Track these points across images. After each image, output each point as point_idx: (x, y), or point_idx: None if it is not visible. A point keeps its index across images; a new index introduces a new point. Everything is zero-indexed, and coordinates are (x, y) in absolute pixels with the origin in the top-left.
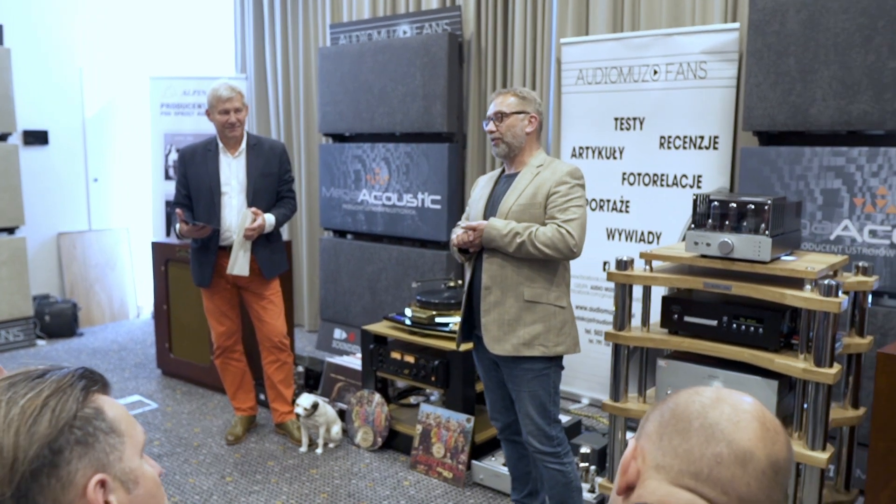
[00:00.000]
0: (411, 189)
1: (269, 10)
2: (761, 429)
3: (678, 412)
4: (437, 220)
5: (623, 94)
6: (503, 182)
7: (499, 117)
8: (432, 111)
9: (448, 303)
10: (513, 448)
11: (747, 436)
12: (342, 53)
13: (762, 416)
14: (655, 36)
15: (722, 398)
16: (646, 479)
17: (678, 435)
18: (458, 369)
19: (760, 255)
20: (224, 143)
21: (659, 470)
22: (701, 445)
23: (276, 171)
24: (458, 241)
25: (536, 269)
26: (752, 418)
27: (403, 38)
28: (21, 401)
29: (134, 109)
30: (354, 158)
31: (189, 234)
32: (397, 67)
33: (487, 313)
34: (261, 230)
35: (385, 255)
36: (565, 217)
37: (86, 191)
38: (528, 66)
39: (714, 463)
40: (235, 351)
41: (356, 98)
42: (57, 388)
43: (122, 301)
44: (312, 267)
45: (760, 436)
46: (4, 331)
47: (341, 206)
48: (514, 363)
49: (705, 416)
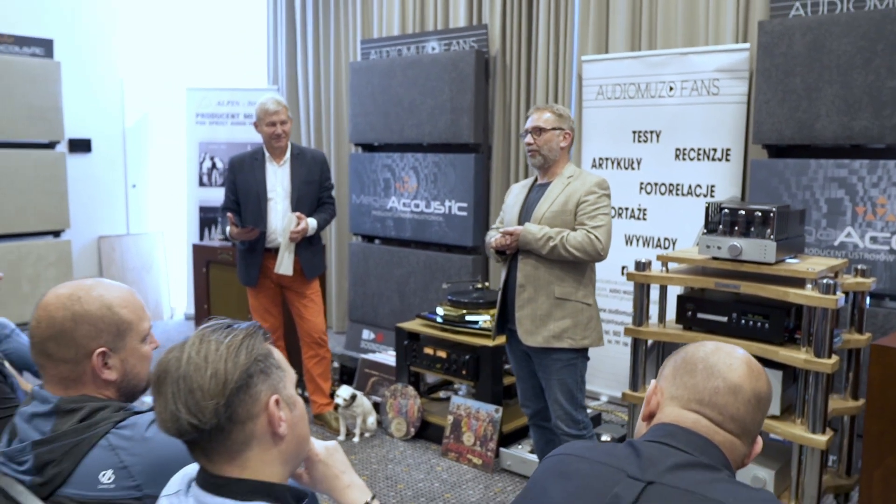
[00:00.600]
0: (439, 197)
1: (302, 26)
2: (748, 370)
3: (687, 358)
4: (463, 227)
5: (641, 109)
6: (536, 190)
7: (537, 132)
8: (459, 123)
9: (477, 302)
10: (541, 433)
11: (738, 374)
12: (373, 68)
13: (749, 361)
14: (671, 55)
15: (719, 348)
16: (664, 406)
17: (687, 374)
18: (487, 364)
19: (766, 258)
20: (270, 152)
21: (673, 400)
22: (704, 381)
23: (317, 178)
24: (495, 244)
25: (566, 269)
26: (741, 363)
27: (432, 54)
28: (225, 340)
29: (171, 119)
30: (384, 167)
31: (238, 237)
32: (426, 82)
33: (521, 308)
34: (304, 233)
35: (413, 260)
36: (594, 224)
37: (125, 196)
38: (551, 81)
39: (713, 392)
40: (277, 346)
41: (386, 110)
42: (247, 333)
43: (158, 302)
44: (341, 270)
45: (747, 374)
46: None
47: (370, 212)
48: (545, 354)
49: (707, 360)
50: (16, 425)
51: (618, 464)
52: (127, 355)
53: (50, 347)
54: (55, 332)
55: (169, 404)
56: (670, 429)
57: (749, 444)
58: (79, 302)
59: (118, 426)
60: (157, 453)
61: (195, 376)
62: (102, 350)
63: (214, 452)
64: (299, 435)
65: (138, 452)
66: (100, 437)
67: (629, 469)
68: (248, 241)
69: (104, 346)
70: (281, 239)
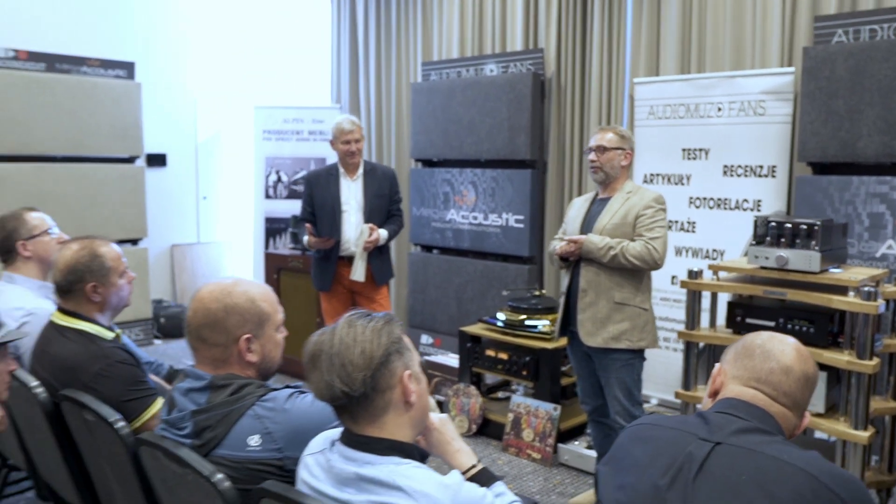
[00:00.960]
0: (496, 209)
1: (364, 48)
2: (798, 354)
3: (746, 345)
4: (519, 238)
5: (690, 128)
6: (598, 204)
7: (600, 150)
8: (517, 141)
9: (536, 308)
10: (599, 428)
11: (789, 357)
12: (433, 88)
13: (798, 347)
14: (720, 77)
15: (773, 336)
16: (727, 384)
17: (747, 357)
18: (546, 365)
19: (811, 267)
20: (344, 168)
21: (734, 379)
22: (761, 363)
23: (387, 192)
24: (560, 251)
25: (625, 276)
26: (792, 348)
27: (490, 75)
28: (369, 325)
29: (239, 135)
30: (443, 181)
31: (315, 246)
32: (485, 102)
33: (583, 311)
34: (376, 243)
35: (471, 269)
36: (651, 235)
37: (196, 207)
38: (604, 101)
39: (769, 372)
40: None
41: (446, 128)
42: (386, 321)
43: None
44: (400, 278)
45: (797, 358)
46: (128, 330)
47: (430, 223)
48: (605, 354)
49: (763, 346)
50: (174, 398)
51: (689, 429)
52: (265, 341)
53: (204, 333)
54: (209, 320)
55: (324, 376)
56: (733, 402)
57: (799, 417)
58: (229, 296)
59: (262, 399)
60: (294, 422)
61: (346, 353)
62: (247, 336)
63: (359, 416)
64: (424, 405)
65: (279, 421)
66: (247, 408)
67: (700, 433)
68: (324, 249)
69: (249, 332)
70: (354, 248)
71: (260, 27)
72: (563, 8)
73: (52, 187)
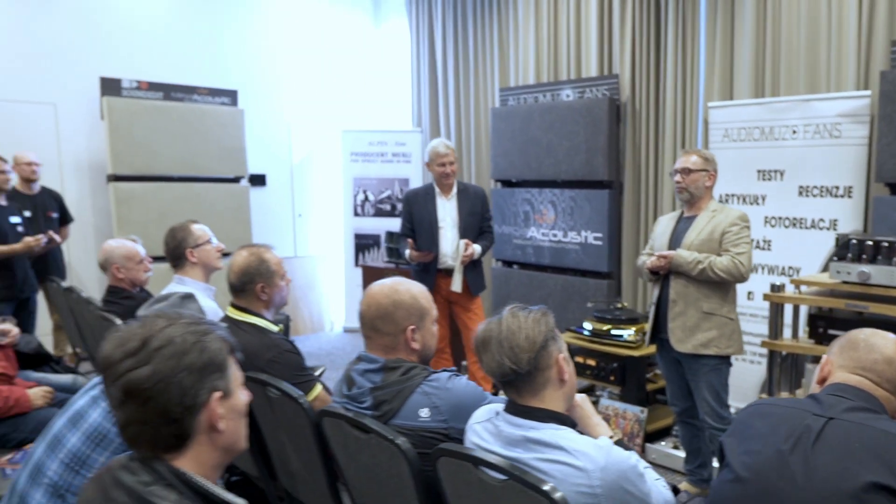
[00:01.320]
0: (575, 227)
1: (443, 74)
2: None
3: (851, 339)
4: (598, 254)
5: (765, 150)
6: (684, 222)
7: (685, 172)
8: (594, 162)
9: (621, 318)
10: (687, 428)
11: (892, 350)
12: (512, 113)
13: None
14: (795, 101)
15: (876, 332)
16: (834, 372)
17: (852, 349)
18: (633, 371)
19: (892, 282)
20: (440, 188)
21: (841, 367)
22: (865, 354)
23: (479, 210)
24: (651, 266)
25: (712, 288)
26: (893, 343)
27: (567, 100)
28: (530, 315)
29: (329, 157)
30: (524, 201)
31: (416, 259)
32: (563, 125)
33: (673, 320)
34: (472, 256)
35: (551, 283)
36: (737, 250)
37: (292, 224)
38: (679, 125)
39: (873, 362)
40: (445, 352)
41: (525, 150)
42: (543, 312)
43: (320, 316)
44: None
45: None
46: None
47: (511, 240)
48: (694, 359)
49: (867, 340)
50: (352, 377)
51: (804, 407)
52: (425, 332)
53: (377, 324)
54: (381, 313)
55: (495, 356)
56: (841, 386)
57: None
58: (396, 293)
59: (427, 379)
60: (456, 398)
61: (513, 338)
62: (413, 327)
63: (523, 390)
64: (573, 383)
65: (444, 397)
66: (417, 386)
67: (813, 410)
68: (423, 262)
69: (413, 324)
70: (450, 261)
71: (346, 57)
72: (636, 35)
73: (170, 204)
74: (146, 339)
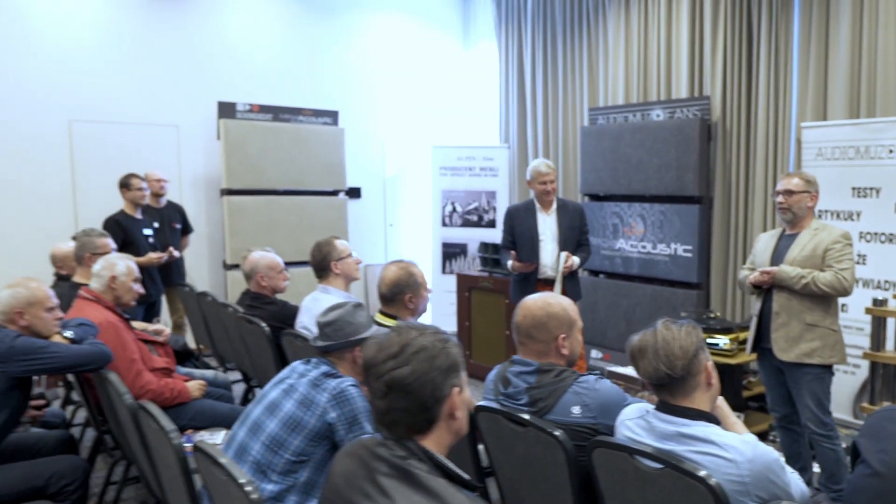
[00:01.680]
0: (664, 240)
1: (532, 94)
2: None
3: None
4: (688, 266)
5: (860, 169)
6: (786, 239)
7: (787, 193)
8: (684, 179)
9: (715, 327)
10: (787, 433)
11: None
12: (602, 131)
13: None
14: (891, 122)
15: None
16: None
17: None
18: (729, 378)
19: None
20: (540, 204)
21: None
22: None
23: (577, 225)
24: (754, 280)
25: (815, 301)
26: None
27: (657, 120)
28: (682, 328)
29: (420, 171)
30: (613, 214)
31: (518, 270)
32: (653, 144)
33: (776, 331)
34: (572, 268)
35: (640, 293)
36: (840, 266)
37: (384, 233)
38: (771, 143)
39: None
40: None
41: (615, 166)
42: (693, 326)
43: None
44: None
45: None
46: None
47: (599, 251)
48: (797, 368)
49: None
50: (508, 378)
51: None
52: (573, 340)
53: (532, 332)
54: (536, 323)
55: (651, 362)
56: None
57: None
58: (549, 306)
59: (577, 380)
60: (603, 398)
61: (668, 347)
62: (563, 335)
63: (676, 392)
64: (718, 386)
65: (594, 396)
66: (568, 387)
67: None
68: (524, 272)
69: (564, 333)
70: (550, 271)
71: (436, 77)
72: (728, 56)
73: (277, 216)
74: (404, 345)
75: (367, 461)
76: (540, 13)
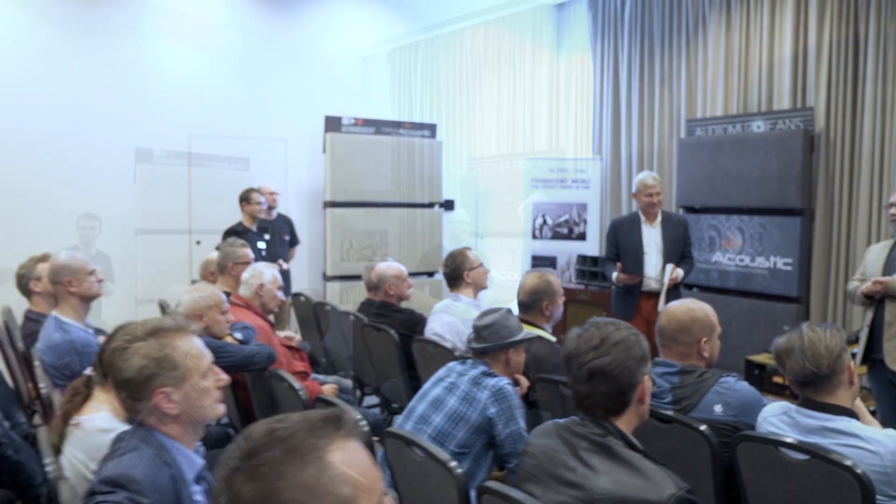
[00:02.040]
0: (763, 253)
1: (626, 105)
2: None
3: None
4: (788, 279)
5: None
6: None
7: None
8: (786, 191)
9: None
10: None
11: None
12: (701, 143)
13: None
14: None
15: None
16: None
17: None
18: None
19: None
20: (645, 216)
21: None
22: None
23: (681, 237)
24: (866, 291)
25: None
26: None
27: (758, 132)
28: (827, 331)
29: (511, 183)
30: (710, 227)
31: (623, 282)
32: (754, 156)
33: (889, 341)
34: (676, 280)
35: (736, 306)
36: None
37: (475, 245)
38: (877, 155)
39: None
40: None
41: (712, 178)
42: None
43: None
44: None
45: None
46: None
47: (695, 265)
48: None
49: None
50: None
51: None
52: (713, 344)
53: (677, 336)
54: (681, 327)
55: (798, 361)
56: None
57: None
58: (693, 311)
59: (718, 381)
60: (743, 397)
61: (814, 348)
62: (705, 339)
63: (820, 389)
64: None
65: (735, 396)
66: (710, 387)
67: None
68: (628, 285)
69: (706, 336)
70: (654, 284)
71: (529, 89)
72: (833, 68)
73: (377, 227)
74: (604, 338)
75: (568, 438)
76: (637, 22)
